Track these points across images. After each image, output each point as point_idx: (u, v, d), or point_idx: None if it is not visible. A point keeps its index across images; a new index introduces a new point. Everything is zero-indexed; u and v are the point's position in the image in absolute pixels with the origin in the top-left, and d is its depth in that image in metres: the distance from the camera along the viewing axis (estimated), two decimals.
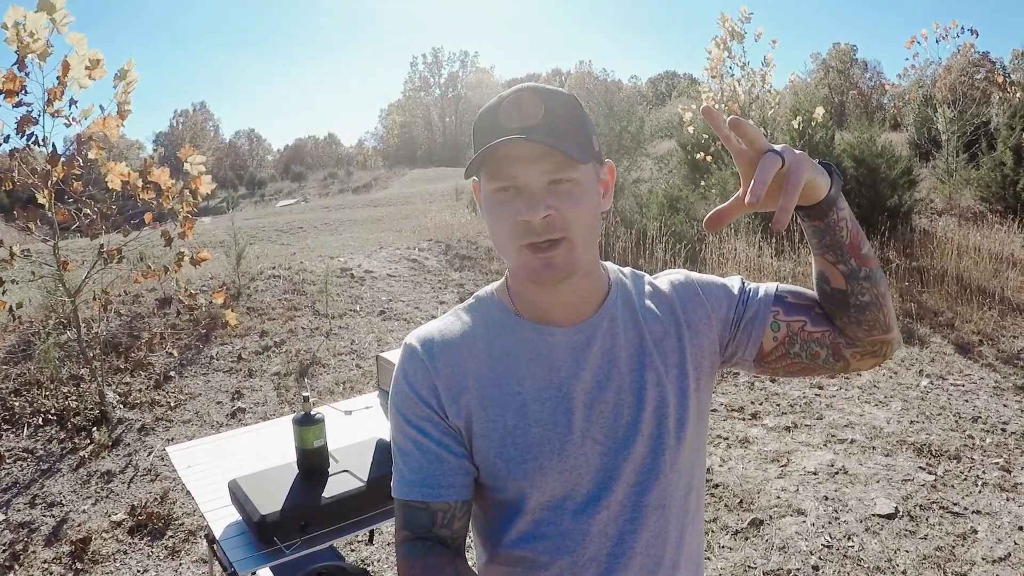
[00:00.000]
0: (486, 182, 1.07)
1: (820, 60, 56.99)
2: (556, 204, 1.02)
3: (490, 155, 1.02)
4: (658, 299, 1.21)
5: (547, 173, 1.03)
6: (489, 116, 1.06)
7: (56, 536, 3.80)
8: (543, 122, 1.02)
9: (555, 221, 1.03)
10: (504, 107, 1.04)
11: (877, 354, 1.20)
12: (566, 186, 1.04)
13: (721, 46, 11.11)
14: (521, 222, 1.03)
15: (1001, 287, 7.71)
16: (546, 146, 1.00)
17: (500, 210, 1.05)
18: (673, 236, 9.04)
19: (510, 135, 1.01)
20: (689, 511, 1.21)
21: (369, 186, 39.29)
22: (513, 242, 1.05)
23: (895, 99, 26.96)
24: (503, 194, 1.05)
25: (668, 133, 20.14)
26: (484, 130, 1.06)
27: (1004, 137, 11.38)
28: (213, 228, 14.15)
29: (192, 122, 66.22)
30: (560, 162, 1.02)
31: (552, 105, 1.04)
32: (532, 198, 1.02)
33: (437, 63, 74.36)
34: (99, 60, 4.63)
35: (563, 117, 1.04)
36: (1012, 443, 4.54)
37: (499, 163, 1.03)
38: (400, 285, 8.24)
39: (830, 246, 1.11)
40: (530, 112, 1.03)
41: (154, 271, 5.27)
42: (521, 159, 1.02)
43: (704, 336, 1.20)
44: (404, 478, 1.11)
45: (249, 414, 5.20)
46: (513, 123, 1.02)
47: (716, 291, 1.22)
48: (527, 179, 1.03)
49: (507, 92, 1.07)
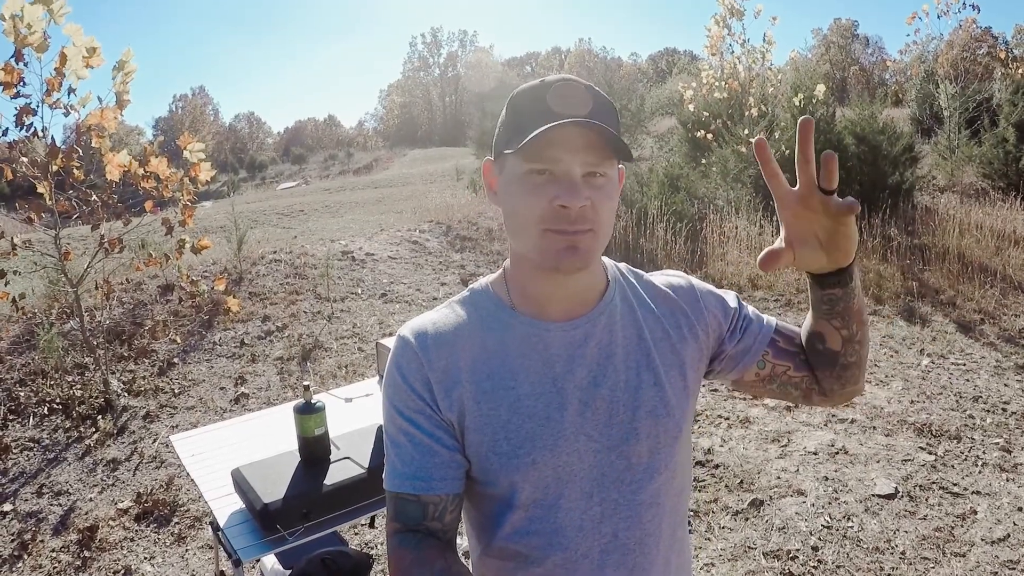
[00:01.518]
0: (520, 162, 1.05)
1: (821, 36, 56.67)
2: (591, 196, 1.03)
3: (535, 137, 1.01)
4: (658, 299, 1.22)
5: (588, 164, 1.03)
6: (534, 97, 1.05)
7: (63, 525, 3.84)
8: (593, 113, 1.03)
9: (588, 212, 1.03)
10: (553, 91, 1.04)
11: (841, 401, 1.27)
12: (600, 180, 1.05)
13: (721, 23, 11.02)
14: (557, 207, 1.02)
15: (1003, 265, 7.70)
16: (600, 136, 1.01)
17: (533, 192, 1.04)
18: (674, 215, 9.02)
19: (563, 119, 1.00)
20: (680, 509, 1.23)
21: (370, 167, 39.23)
22: (538, 225, 1.04)
23: (897, 75, 26.82)
24: (538, 177, 1.04)
25: (668, 111, 20.09)
26: (529, 111, 1.04)
27: (1007, 113, 11.33)
28: (214, 212, 14.15)
29: (191, 106, 66.06)
30: (602, 155, 1.03)
31: (599, 99, 1.05)
32: (573, 185, 1.02)
33: (436, 43, 74.10)
34: (95, 48, 4.61)
35: (608, 114, 1.05)
36: (1013, 423, 4.56)
37: (545, 146, 1.02)
38: (401, 267, 8.25)
39: (842, 312, 1.15)
40: (582, 101, 1.03)
41: (155, 258, 5.28)
42: (568, 145, 1.02)
43: (701, 342, 1.21)
44: (396, 470, 1.11)
45: (252, 399, 5.23)
46: (565, 109, 1.02)
47: (716, 304, 1.24)
48: (570, 165, 1.02)
49: (550, 77, 1.07)
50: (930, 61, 15.69)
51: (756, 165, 9.55)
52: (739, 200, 9.82)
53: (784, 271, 7.76)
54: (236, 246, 7.76)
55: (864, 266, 7.79)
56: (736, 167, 10.56)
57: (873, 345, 5.99)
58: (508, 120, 1.09)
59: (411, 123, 71.61)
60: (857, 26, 57.82)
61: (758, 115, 10.52)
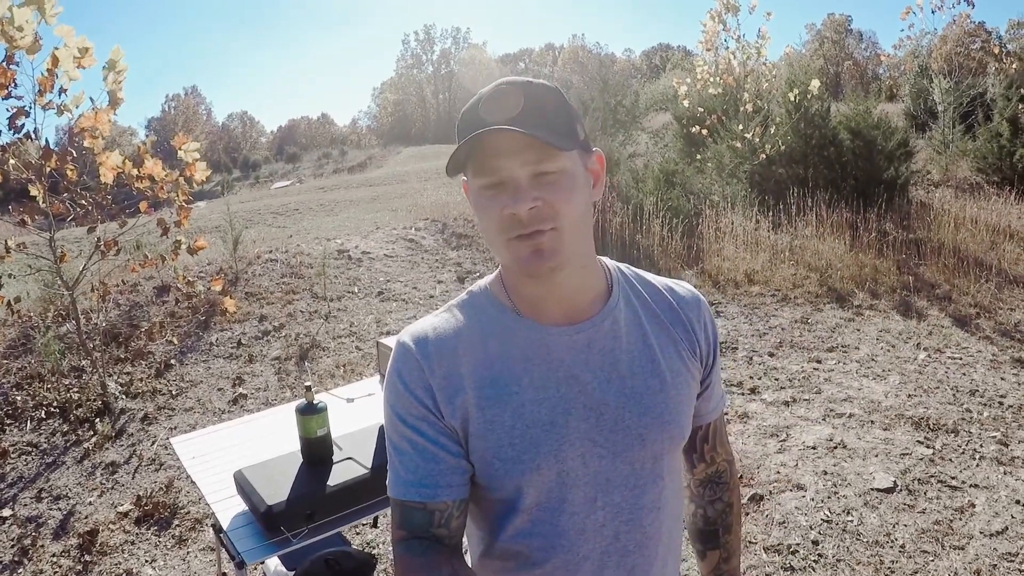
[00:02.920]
0: (473, 179, 1.06)
1: (815, 31, 56.74)
2: (543, 195, 1.01)
3: (475, 149, 1.01)
4: (663, 306, 1.21)
5: (531, 164, 1.01)
6: (471, 112, 1.05)
7: (63, 529, 3.83)
8: (524, 113, 1.01)
9: (543, 212, 1.01)
10: (484, 101, 1.03)
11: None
12: (552, 176, 1.02)
13: (716, 19, 11.02)
14: (508, 215, 1.01)
15: (998, 259, 7.73)
16: (526, 135, 0.98)
17: (488, 205, 1.04)
18: (670, 211, 9.03)
19: (490, 127, 1.00)
20: (677, 511, 1.23)
21: (364, 165, 39.12)
22: (501, 236, 1.04)
23: (891, 70, 26.85)
24: (490, 190, 1.04)
25: (663, 106, 20.08)
26: (466, 126, 1.04)
27: (1001, 108, 11.38)
28: (208, 212, 14.12)
29: (184, 106, 65.81)
30: (543, 152, 1.01)
31: (533, 96, 1.03)
32: (517, 190, 1.01)
33: (429, 40, 73.93)
34: (88, 48, 4.58)
35: (544, 107, 1.03)
36: (1009, 416, 4.57)
37: (484, 158, 1.02)
38: (397, 265, 8.25)
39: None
40: (510, 104, 1.02)
41: (151, 260, 5.26)
42: (503, 151, 1.01)
43: (699, 355, 1.22)
44: (400, 478, 1.10)
45: (251, 399, 5.22)
46: (494, 116, 1.01)
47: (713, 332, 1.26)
48: (511, 171, 1.01)
49: (487, 88, 1.06)
50: (924, 56, 15.72)
51: (751, 160, 9.59)
52: (735, 195, 9.84)
53: (779, 266, 7.77)
54: (232, 246, 7.74)
55: (860, 260, 7.81)
56: (731, 162, 10.58)
57: (870, 339, 6.01)
58: (456, 138, 1.08)
59: (405, 121, 71.47)
60: (851, 21, 57.89)
61: (753, 110, 10.53)
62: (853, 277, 7.48)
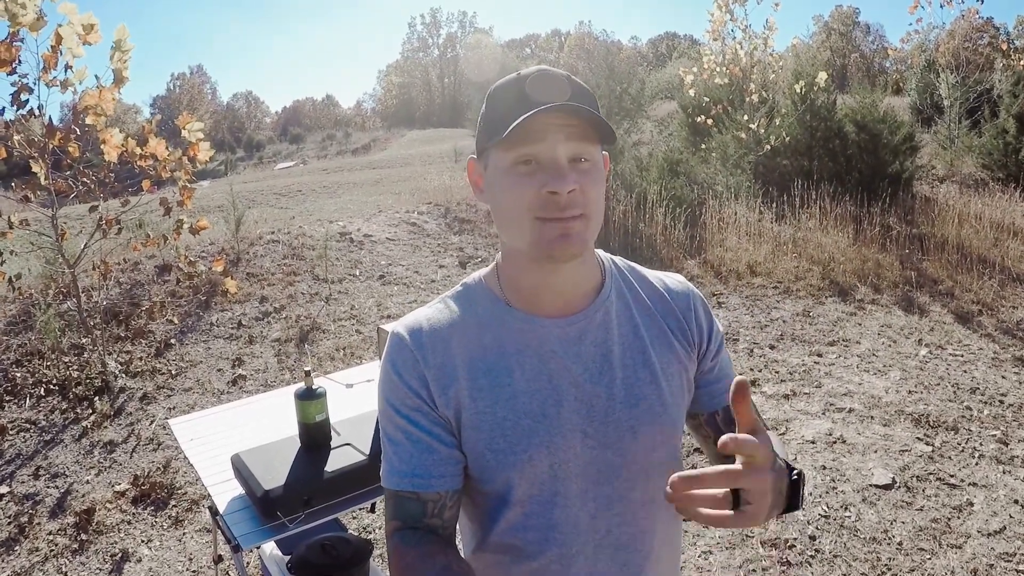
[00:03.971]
0: (503, 153, 1.04)
1: (822, 22, 56.47)
2: (579, 180, 1.02)
3: (516, 127, 1.00)
4: (654, 297, 1.21)
5: (573, 149, 1.02)
6: (511, 90, 1.04)
7: (60, 507, 3.84)
8: (573, 99, 1.02)
9: (577, 197, 1.02)
10: (531, 82, 1.03)
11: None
12: (586, 165, 1.04)
13: (723, 8, 10.94)
14: (546, 194, 1.01)
15: (1002, 256, 7.71)
16: (582, 120, 1.01)
17: (520, 182, 1.03)
18: (673, 200, 8.99)
19: (542, 107, 0.99)
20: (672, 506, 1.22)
21: (368, 148, 39.11)
22: (529, 214, 1.03)
23: (897, 63, 26.72)
24: (524, 167, 1.03)
25: (668, 95, 19.97)
26: (509, 103, 1.03)
27: (1007, 104, 11.34)
28: (211, 192, 14.09)
29: (189, 85, 65.76)
30: (586, 140, 1.03)
31: (577, 87, 1.05)
32: (559, 170, 1.01)
33: (435, 24, 73.76)
34: (93, 25, 4.56)
35: (588, 100, 1.05)
36: (1010, 415, 4.56)
37: (526, 135, 1.01)
38: (399, 249, 8.23)
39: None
40: (560, 89, 1.03)
41: (153, 239, 5.25)
42: (551, 131, 1.01)
43: (692, 347, 1.21)
44: (394, 468, 1.10)
45: (250, 381, 5.22)
46: (544, 96, 1.01)
47: (706, 320, 1.24)
48: (554, 152, 1.01)
49: (525, 70, 1.06)
50: (931, 50, 15.64)
51: (756, 151, 9.52)
52: (738, 186, 9.81)
53: (782, 258, 7.75)
54: (234, 227, 7.72)
55: (863, 254, 7.79)
56: (736, 153, 10.53)
57: (871, 334, 6.00)
58: (488, 115, 1.08)
59: (409, 104, 71.33)
60: (858, 13, 57.65)
61: (759, 101, 10.48)
62: (856, 271, 7.46)
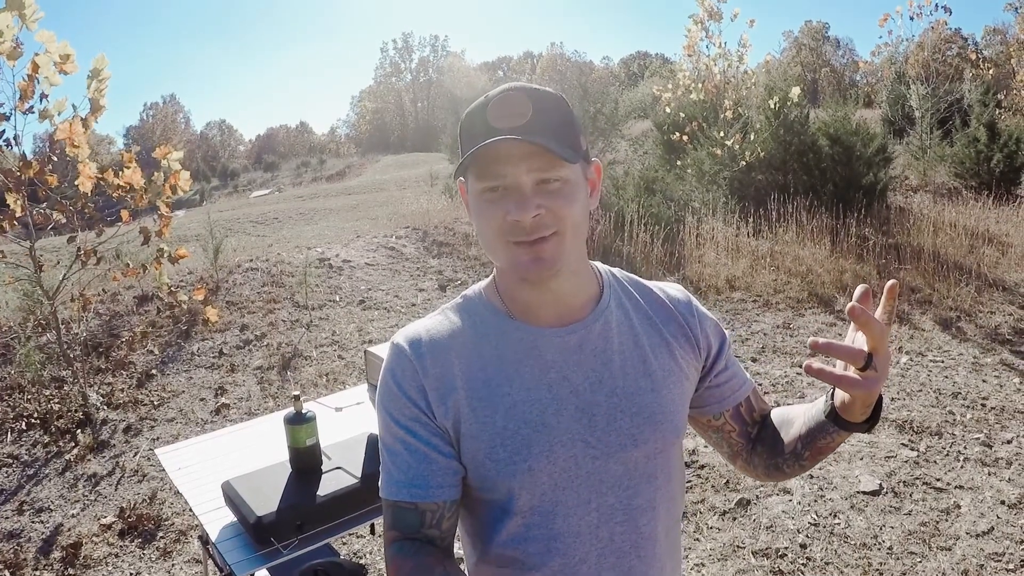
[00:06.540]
0: (474, 182, 1.06)
1: (792, 38, 57.27)
2: (546, 203, 1.02)
3: (480, 154, 1.01)
4: (655, 306, 1.23)
5: (536, 172, 1.02)
6: (477, 116, 1.05)
7: (47, 543, 3.77)
8: (532, 121, 1.02)
9: (545, 219, 1.03)
10: (492, 107, 1.03)
11: (758, 479, 1.34)
12: (555, 185, 1.03)
13: (699, 24, 11.06)
14: (511, 222, 1.02)
15: (977, 263, 7.81)
16: (537, 146, 1.00)
17: (489, 209, 1.05)
18: (651, 217, 9.05)
19: (500, 135, 1.00)
20: (675, 513, 1.23)
21: (343, 174, 39.02)
22: (501, 239, 1.05)
23: (868, 76, 27.15)
24: (491, 193, 1.04)
25: (642, 114, 20.15)
26: (473, 130, 1.05)
27: (977, 113, 11.56)
28: (188, 221, 14.01)
29: (162, 115, 65.49)
30: (549, 161, 1.02)
31: (540, 105, 1.04)
32: (522, 198, 1.02)
33: (407, 48, 73.99)
34: (69, 55, 4.53)
35: (552, 117, 1.04)
36: (992, 418, 4.62)
37: (488, 163, 1.02)
38: (379, 274, 8.22)
39: (821, 450, 1.16)
40: (519, 111, 1.02)
41: (133, 269, 5.21)
42: (511, 158, 1.01)
43: (696, 355, 1.22)
44: (392, 478, 1.10)
45: (234, 409, 5.18)
46: (502, 123, 1.01)
47: (712, 327, 1.26)
48: (516, 178, 1.02)
49: (494, 92, 1.06)
50: (901, 62, 15.90)
51: (731, 167, 9.57)
52: (715, 202, 9.89)
53: (760, 272, 7.81)
54: (212, 255, 7.68)
55: (840, 265, 7.87)
56: (712, 169, 10.63)
57: None
58: (462, 139, 1.10)
59: (384, 129, 71.40)
60: (828, 28, 58.50)
61: (733, 117, 10.60)
62: (834, 282, 7.53)
